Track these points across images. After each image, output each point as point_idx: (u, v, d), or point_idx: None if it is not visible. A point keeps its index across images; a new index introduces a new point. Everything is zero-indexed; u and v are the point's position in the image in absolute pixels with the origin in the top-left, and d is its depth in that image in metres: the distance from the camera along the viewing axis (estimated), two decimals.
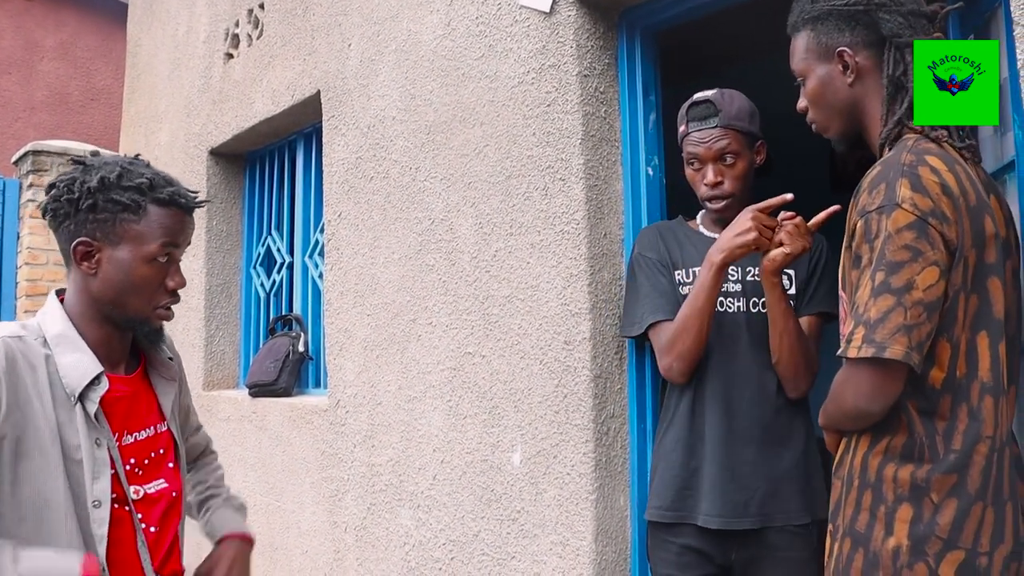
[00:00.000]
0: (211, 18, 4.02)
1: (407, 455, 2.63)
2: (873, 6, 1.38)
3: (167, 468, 1.48)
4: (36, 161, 5.28)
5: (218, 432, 3.65)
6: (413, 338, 2.64)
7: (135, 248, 1.37)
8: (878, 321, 1.23)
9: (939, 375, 1.28)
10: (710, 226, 2.02)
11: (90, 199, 1.35)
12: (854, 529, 1.33)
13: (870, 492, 1.32)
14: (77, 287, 1.40)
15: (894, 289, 1.23)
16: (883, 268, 1.24)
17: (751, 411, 1.84)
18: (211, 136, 3.93)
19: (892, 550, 1.27)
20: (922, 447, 1.28)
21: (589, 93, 2.18)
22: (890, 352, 1.22)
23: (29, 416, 1.27)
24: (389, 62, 2.80)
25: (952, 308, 1.27)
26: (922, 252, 1.23)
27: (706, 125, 1.90)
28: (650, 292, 1.97)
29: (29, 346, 1.32)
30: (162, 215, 1.39)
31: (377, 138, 2.84)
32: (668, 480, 1.89)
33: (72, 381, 1.32)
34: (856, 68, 1.41)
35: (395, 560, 2.65)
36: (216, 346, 3.93)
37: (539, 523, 2.19)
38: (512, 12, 2.34)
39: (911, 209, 1.23)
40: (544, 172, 2.23)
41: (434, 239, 2.57)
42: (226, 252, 3.98)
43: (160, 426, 1.49)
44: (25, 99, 7.95)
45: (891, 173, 1.27)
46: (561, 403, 2.15)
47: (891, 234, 1.24)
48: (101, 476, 1.33)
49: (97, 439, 1.34)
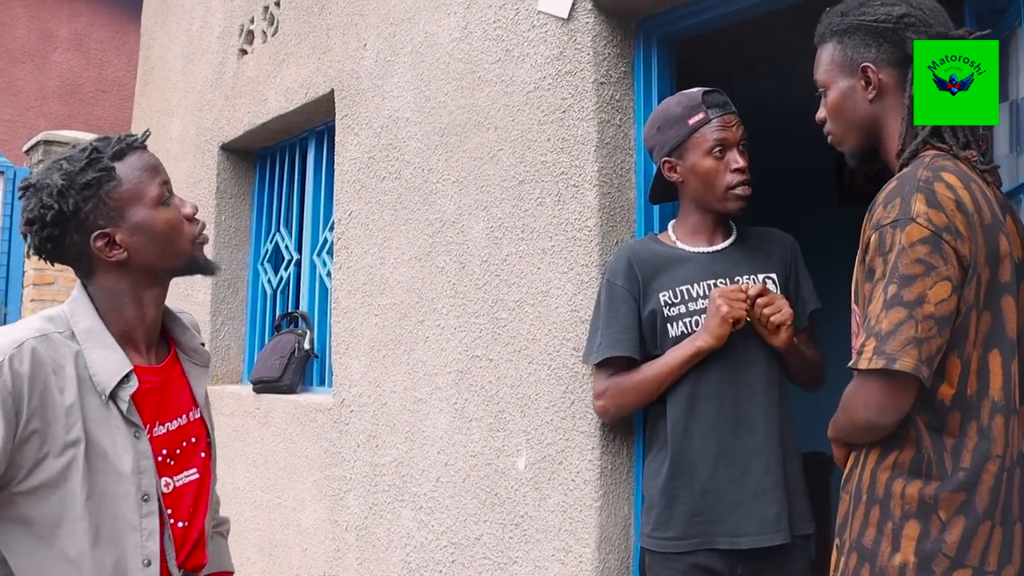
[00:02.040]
0: (226, 14, 4.03)
1: (411, 456, 2.63)
2: (902, 25, 1.38)
3: (199, 457, 1.47)
4: (47, 151, 5.31)
5: (221, 427, 3.65)
6: (421, 340, 2.64)
7: (140, 205, 1.35)
8: (889, 334, 1.24)
9: (949, 391, 1.28)
10: (685, 238, 1.95)
11: (69, 201, 1.31)
12: (861, 544, 1.32)
13: (878, 508, 1.31)
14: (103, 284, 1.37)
15: (906, 302, 1.23)
16: (896, 281, 1.24)
17: (766, 424, 1.83)
18: (223, 131, 3.94)
19: (899, 567, 1.26)
20: (930, 463, 1.28)
21: (605, 101, 2.18)
22: (900, 364, 1.22)
23: (50, 421, 1.25)
24: (404, 63, 2.80)
25: (964, 325, 1.27)
26: (935, 267, 1.23)
27: (727, 110, 1.88)
28: (609, 323, 1.92)
29: (55, 345, 1.30)
30: (133, 164, 1.37)
31: (390, 139, 2.84)
32: (676, 509, 1.82)
33: (102, 379, 1.31)
34: (878, 85, 1.41)
35: (395, 561, 2.65)
36: (221, 341, 3.93)
37: (542, 529, 2.19)
38: (530, 17, 2.35)
39: (925, 224, 1.23)
40: (558, 178, 2.23)
41: (445, 241, 2.57)
42: (234, 247, 3.98)
43: (192, 413, 1.48)
44: (38, 89, 7.98)
45: (906, 188, 1.27)
46: (568, 409, 2.14)
47: (904, 248, 1.24)
48: (146, 470, 1.33)
49: (135, 433, 1.34)
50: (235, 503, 3.53)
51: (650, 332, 1.91)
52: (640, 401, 1.91)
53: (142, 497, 1.32)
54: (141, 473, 1.33)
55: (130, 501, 1.31)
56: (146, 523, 1.32)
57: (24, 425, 1.22)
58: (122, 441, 1.32)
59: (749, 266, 1.90)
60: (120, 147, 1.37)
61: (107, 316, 1.37)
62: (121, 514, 1.30)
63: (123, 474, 1.31)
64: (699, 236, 1.95)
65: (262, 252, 3.97)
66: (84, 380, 1.30)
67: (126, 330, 1.39)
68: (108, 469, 1.30)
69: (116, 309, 1.38)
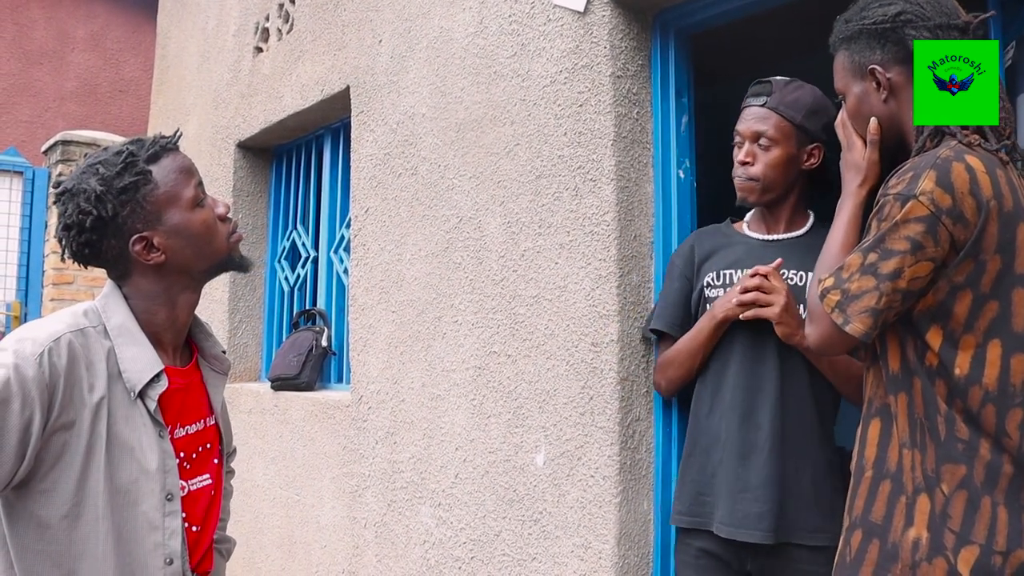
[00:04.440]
0: (241, 12, 4.04)
1: (429, 453, 2.63)
2: (899, 23, 1.40)
3: (212, 464, 1.48)
4: (65, 151, 5.34)
5: (240, 424, 3.67)
6: (438, 336, 2.63)
7: (177, 207, 1.36)
8: (854, 296, 1.32)
9: (934, 360, 1.30)
10: (754, 225, 1.97)
11: (107, 206, 1.32)
12: (868, 520, 1.33)
13: (889, 482, 1.32)
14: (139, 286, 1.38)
15: (879, 274, 1.29)
16: (878, 251, 1.30)
17: (772, 422, 1.78)
18: (239, 129, 3.95)
19: (912, 541, 1.27)
20: (924, 431, 1.29)
21: (622, 94, 2.17)
22: (851, 329, 1.32)
23: (78, 416, 1.26)
24: (420, 59, 2.80)
25: (947, 304, 1.28)
26: (923, 247, 1.26)
27: (755, 102, 1.87)
28: (663, 299, 2.04)
29: (90, 340, 1.30)
30: (168, 167, 1.38)
31: (406, 135, 2.84)
32: (687, 485, 1.89)
33: (133, 376, 1.31)
34: (888, 85, 1.43)
35: (414, 557, 2.65)
36: (239, 339, 3.95)
37: (561, 525, 2.18)
38: (546, 11, 2.33)
39: (927, 203, 1.26)
40: (575, 173, 2.21)
41: (462, 237, 2.57)
42: (251, 245, 3.99)
43: (209, 420, 1.49)
44: (55, 89, 8.04)
45: (922, 164, 1.29)
46: (587, 405, 2.13)
47: (899, 223, 1.28)
48: (171, 469, 1.34)
49: (160, 432, 1.34)
50: (254, 500, 3.54)
51: (696, 311, 1.97)
52: (681, 375, 1.96)
53: (166, 496, 1.32)
54: (167, 472, 1.33)
55: (154, 500, 1.31)
56: (168, 522, 1.32)
57: (55, 419, 1.23)
58: (148, 439, 1.32)
59: (800, 261, 1.84)
60: (155, 150, 1.37)
61: (140, 317, 1.38)
62: (143, 512, 1.30)
63: (149, 472, 1.31)
64: (761, 223, 1.96)
65: (279, 250, 3.98)
66: (114, 376, 1.31)
67: (156, 331, 1.39)
68: (133, 466, 1.30)
69: (149, 310, 1.38)
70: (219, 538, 1.64)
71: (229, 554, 1.68)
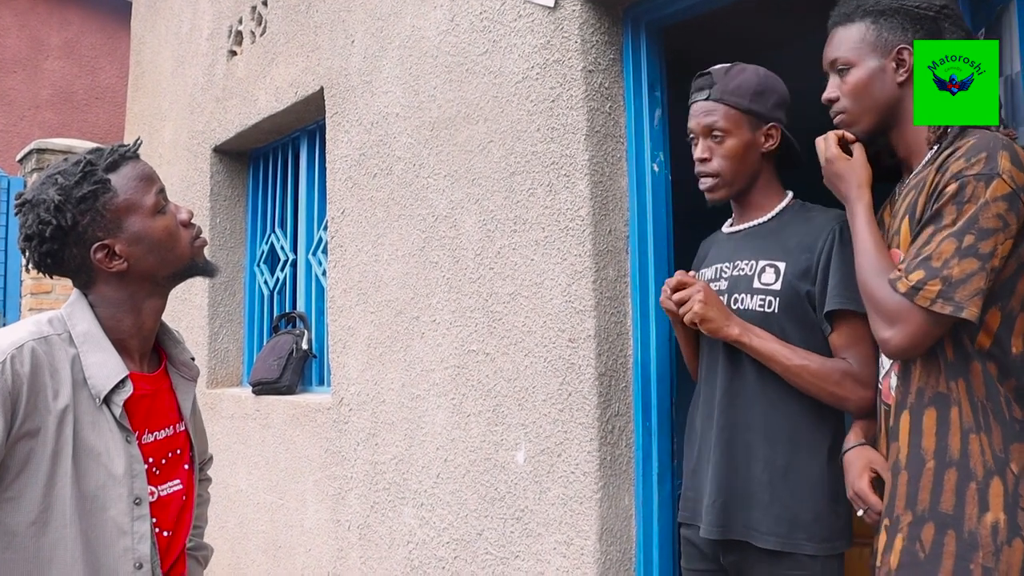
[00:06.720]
0: (214, 15, 4.01)
1: (410, 453, 2.61)
2: (942, 16, 1.42)
3: (183, 469, 1.48)
4: (40, 159, 5.29)
5: (221, 430, 3.65)
6: (417, 336, 2.62)
7: (137, 214, 1.37)
8: (960, 281, 1.27)
9: (986, 341, 1.31)
10: (733, 218, 1.94)
11: (67, 215, 1.32)
12: (938, 512, 1.30)
13: (955, 470, 1.30)
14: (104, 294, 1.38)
15: (981, 254, 1.27)
16: (974, 232, 1.27)
17: (752, 422, 1.71)
18: (214, 133, 3.92)
19: (991, 526, 1.26)
20: (989, 416, 1.30)
21: (594, 89, 2.16)
22: (967, 313, 1.26)
23: (42, 423, 1.25)
24: (393, 58, 2.78)
25: (1012, 281, 1.30)
26: (1009, 224, 1.27)
27: (699, 97, 1.83)
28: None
29: (54, 347, 1.31)
30: (128, 175, 1.38)
31: (381, 135, 2.83)
32: (684, 479, 1.91)
33: (98, 382, 1.32)
34: (910, 68, 1.43)
35: (398, 558, 2.63)
36: (220, 344, 3.92)
37: (543, 522, 2.17)
38: (516, 7, 2.32)
39: (1009, 181, 1.27)
40: (549, 168, 2.21)
41: (438, 236, 2.56)
42: (230, 250, 3.97)
43: (178, 426, 1.49)
44: (30, 97, 7.97)
45: (991, 144, 1.30)
46: (566, 401, 2.13)
47: (988, 202, 1.27)
48: (139, 474, 1.34)
49: (127, 437, 1.34)
50: (238, 505, 3.52)
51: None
52: (689, 365, 1.98)
53: (134, 500, 1.32)
54: (134, 476, 1.33)
55: (122, 505, 1.31)
56: (137, 526, 1.32)
57: (19, 426, 1.22)
58: (115, 445, 1.32)
59: (754, 251, 1.79)
60: (113, 158, 1.38)
61: (105, 324, 1.38)
62: (111, 518, 1.30)
63: (116, 476, 1.31)
64: (736, 214, 1.92)
65: (258, 253, 3.96)
66: (79, 383, 1.31)
67: (122, 338, 1.40)
68: (100, 471, 1.30)
69: (114, 317, 1.39)
70: (196, 545, 1.63)
71: (206, 561, 1.68)
